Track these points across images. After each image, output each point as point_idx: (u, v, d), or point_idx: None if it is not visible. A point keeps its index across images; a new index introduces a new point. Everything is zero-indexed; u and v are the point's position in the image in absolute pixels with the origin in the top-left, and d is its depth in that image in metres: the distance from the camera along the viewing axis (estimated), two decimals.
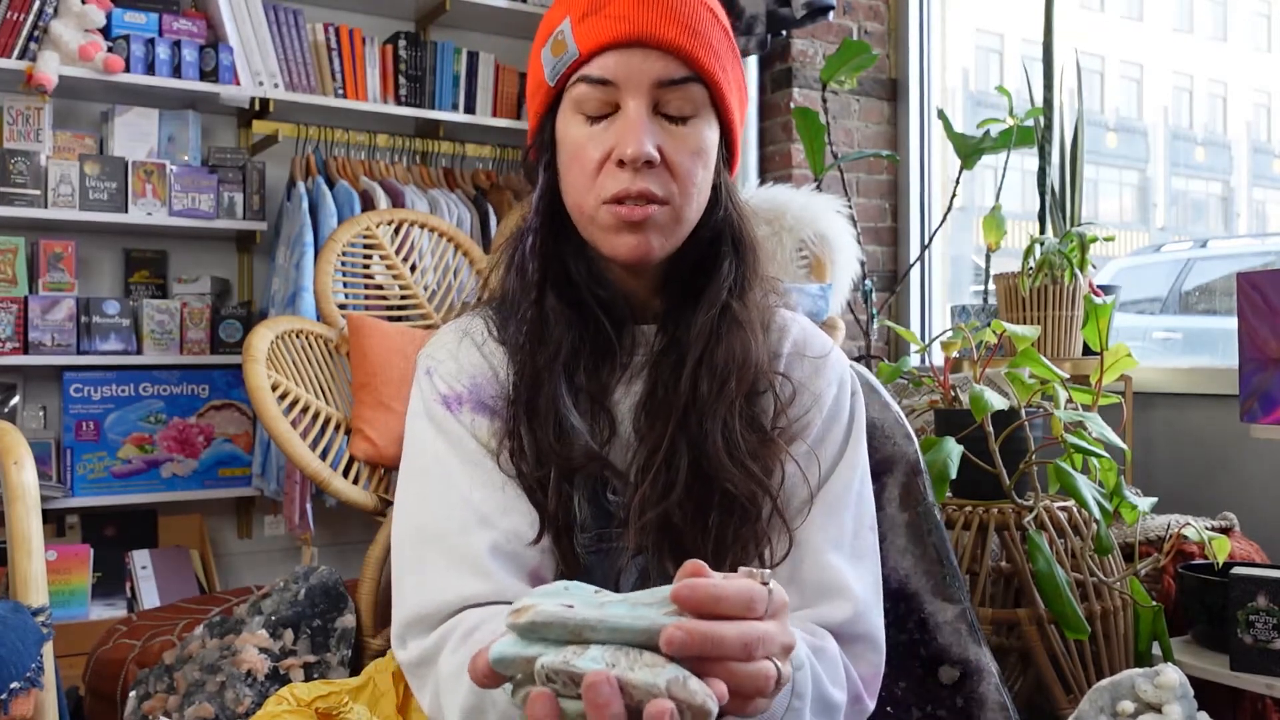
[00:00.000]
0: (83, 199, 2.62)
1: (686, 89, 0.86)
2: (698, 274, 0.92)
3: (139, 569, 2.69)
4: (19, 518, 1.38)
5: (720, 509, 0.86)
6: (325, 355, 2.24)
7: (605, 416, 0.90)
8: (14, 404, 2.73)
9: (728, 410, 0.87)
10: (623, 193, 0.84)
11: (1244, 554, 1.90)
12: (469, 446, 0.88)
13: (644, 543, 0.85)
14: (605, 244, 0.87)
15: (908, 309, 3.13)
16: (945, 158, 3.21)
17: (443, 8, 3.00)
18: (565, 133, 0.89)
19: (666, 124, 0.86)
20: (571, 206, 0.90)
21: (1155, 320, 3.49)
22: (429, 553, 0.84)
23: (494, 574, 0.82)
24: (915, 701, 1.28)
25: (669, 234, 0.87)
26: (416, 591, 0.84)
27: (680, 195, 0.86)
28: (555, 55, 0.87)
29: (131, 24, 2.68)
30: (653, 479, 0.86)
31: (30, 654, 1.27)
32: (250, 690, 1.62)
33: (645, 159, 0.84)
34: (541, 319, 0.90)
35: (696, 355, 0.88)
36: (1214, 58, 5.23)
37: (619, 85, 0.85)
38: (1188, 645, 1.81)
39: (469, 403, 0.90)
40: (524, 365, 0.89)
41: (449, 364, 0.92)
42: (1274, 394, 1.77)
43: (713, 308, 0.89)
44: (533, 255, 0.91)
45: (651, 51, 0.84)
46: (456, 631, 0.80)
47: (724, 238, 0.92)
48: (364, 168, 2.96)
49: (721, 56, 0.88)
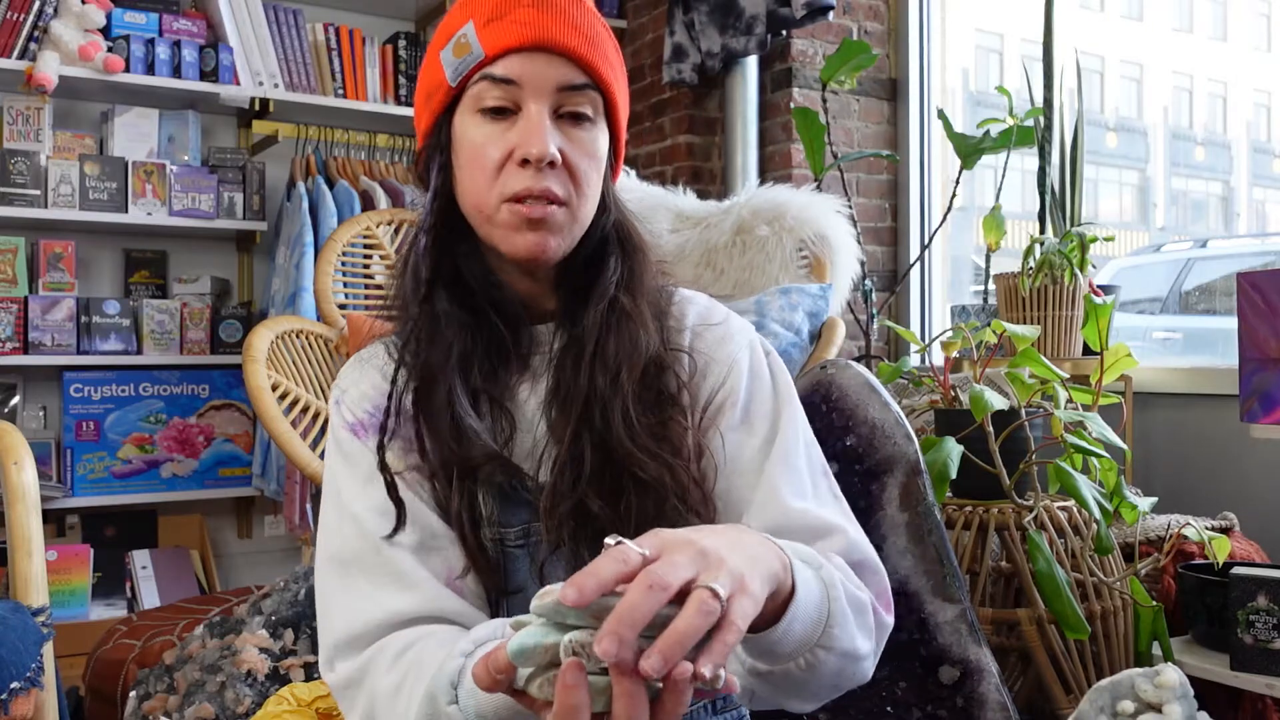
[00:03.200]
0: (83, 199, 2.62)
1: (585, 94, 0.89)
2: (588, 273, 0.94)
3: (139, 569, 2.69)
4: (19, 518, 1.38)
5: (634, 494, 0.87)
6: (325, 355, 2.24)
7: (505, 416, 0.91)
8: (14, 404, 2.73)
9: (624, 398, 0.89)
10: (525, 191, 0.86)
11: (1244, 554, 1.90)
12: (372, 466, 0.88)
13: (562, 536, 0.86)
14: (505, 242, 0.89)
15: (908, 309, 3.13)
16: (945, 158, 3.20)
17: (442, 8, 3.01)
18: (464, 133, 0.90)
19: (566, 126, 0.89)
20: (469, 206, 0.91)
21: (1155, 320, 3.48)
22: (349, 576, 0.85)
23: (419, 583, 0.84)
24: (916, 701, 1.28)
25: (566, 234, 0.90)
26: (343, 614, 0.84)
27: (577, 197, 0.89)
28: (458, 56, 0.89)
29: (131, 24, 2.68)
30: (560, 472, 0.87)
31: (30, 654, 1.27)
32: (250, 690, 1.62)
33: (549, 159, 0.86)
34: (432, 319, 0.90)
35: (590, 349, 0.90)
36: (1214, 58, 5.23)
37: (522, 86, 0.87)
38: (1188, 645, 1.81)
39: (371, 427, 0.90)
40: (416, 367, 0.90)
41: (352, 391, 0.93)
42: (1274, 394, 1.77)
43: (601, 302, 0.92)
44: (425, 255, 0.92)
45: (554, 57, 0.88)
46: (386, 652, 0.81)
47: (611, 239, 0.95)
48: (364, 168, 2.96)
49: (615, 68, 0.92)
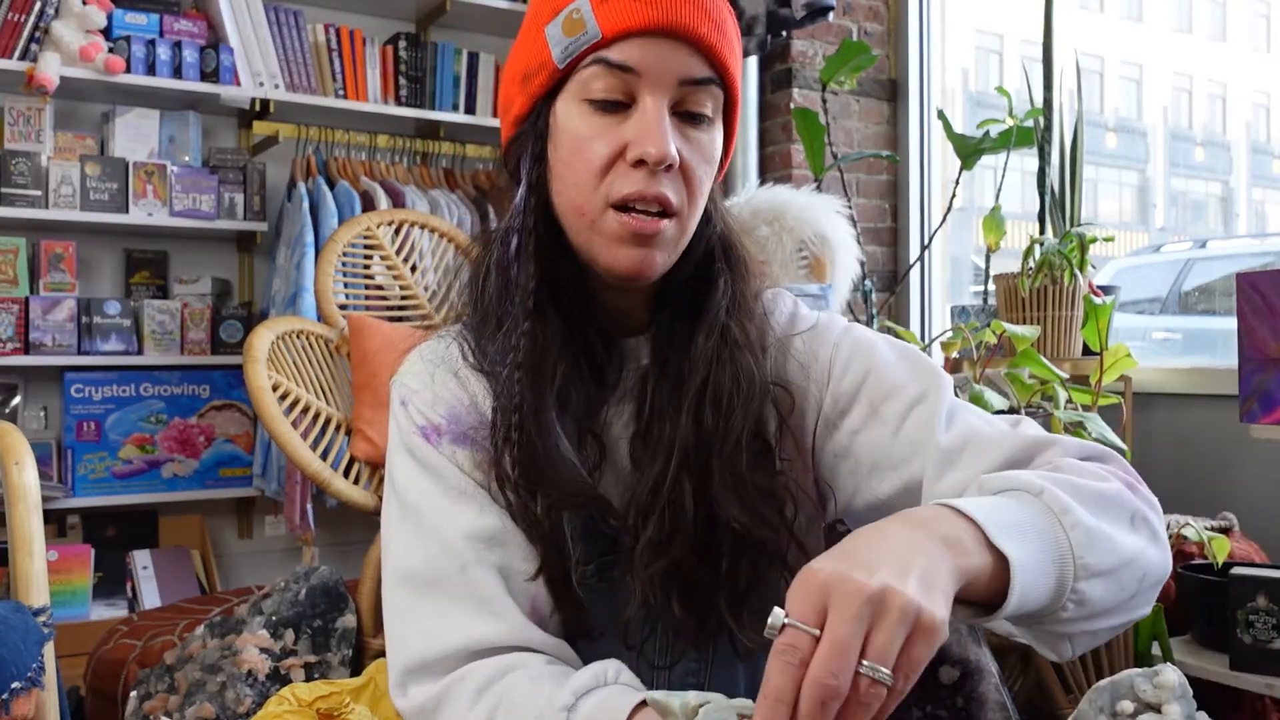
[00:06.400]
0: (83, 199, 2.62)
1: (709, 90, 0.79)
2: (693, 291, 0.85)
3: (140, 569, 2.69)
4: (20, 518, 1.38)
5: (731, 553, 0.80)
6: (326, 356, 2.24)
7: (594, 442, 0.82)
8: (15, 404, 2.73)
9: (732, 448, 0.80)
10: (636, 195, 0.77)
11: (1244, 554, 1.90)
12: (453, 478, 0.81)
13: (653, 591, 0.79)
14: (605, 254, 0.79)
15: (908, 309, 3.13)
16: (945, 158, 3.21)
17: (443, 8, 3.01)
18: (566, 122, 0.79)
19: (683, 125, 0.79)
20: (567, 206, 0.81)
21: (1155, 320, 3.49)
22: (429, 597, 0.78)
23: (505, 612, 0.76)
24: (915, 701, 1.28)
25: (673, 249, 0.81)
26: (420, 638, 0.77)
27: (689, 206, 0.80)
28: (569, 34, 0.77)
29: (132, 25, 2.68)
30: (657, 523, 0.78)
31: (31, 654, 1.27)
32: (251, 690, 1.62)
33: (669, 161, 0.76)
34: (536, 341, 0.80)
35: (698, 384, 0.81)
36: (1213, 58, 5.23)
37: (641, 75, 0.77)
38: (1188, 645, 1.81)
39: (448, 434, 0.82)
40: (514, 395, 0.79)
41: (424, 393, 0.84)
42: (1274, 394, 1.77)
43: (712, 331, 0.82)
44: (525, 262, 0.81)
45: (680, 44, 0.77)
46: (468, 683, 0.74)
47: (717, 254, 0.86)
48: (364, 168, 2.96)
49: (739, 59, 0.82)
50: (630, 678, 0.73)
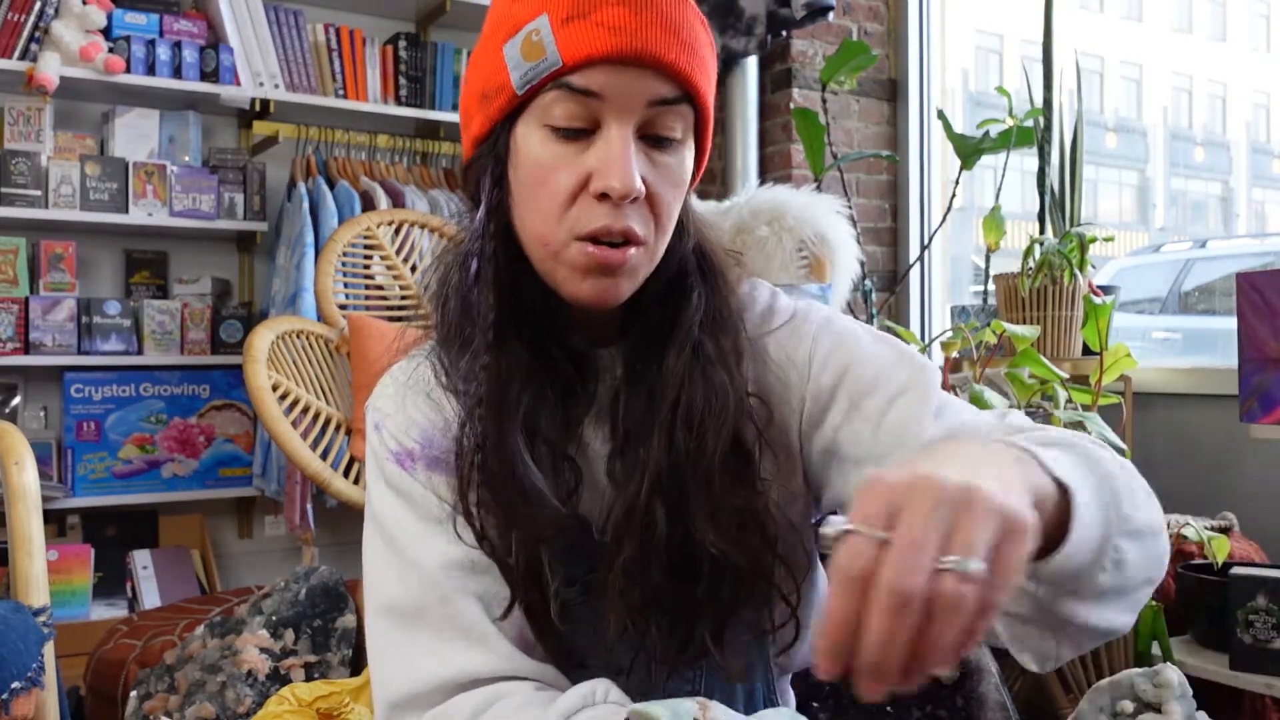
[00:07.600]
0: (83, 199, 2.62)
1: (678, 110, 0.76)
2: (664, 304, 0.81)
3: (140, 569, 2.69)
4: (20, 518, 1.38)
5: (710, 578, 0.77)
6: (326, 356, 2.24)
7: (570, 467, 0.80)
8: (15, 404, 2.73)
9: (709, 468, 0.77)
10: (602, 230, 0.74)
11: (1244, 554, 1.90)
12: (430, 505, 0.79)
13: (631, 620, 0.77)
14: (569, 284, 0.76)
15: (907, 309, 3.13)
16: (945, 158, 3.21)
17: (443, 8, 3.01)
18: (527, 149, 0.76)
19: (649, 150, 0.76)
20: (531, 235, 0.78)
21: (1155, 320, 3.49)
22: (411, 629, 0.76)
23: (490, 641, 0.75)
24: (915, 701, 1.28)
25: (638, 276, 0.78)
26: (405, 671, 0.75)
27: (656, 233, 0.77)
28: (528, 59, 0.74)
29: (132, 25, 2.68)
30: (631, 546, 0.76)
31: (31, 654, 1.27)
32: (251, 690, 1.63)
33: (634, 194, 0.73)
34: (498, 373, 0.77)
35: (670, 402, 0.78)
36: (1213, 58, 5.23)
37: (605, 100, 0.73)
38: (1188, 645, 1.81)
39: (422, 459, 0.80)
40: (475, 434, 0.77)
41: (397, 416, 0.82)
42: (1274, 394, 1.77)
43: (684, 348, 0.79)
44: (484, 290, 0.78)
45: (647, 70, 0.73)
46: (455, 717, 0.73)
47: (690, 268, 0.82)
48: (364, 168, 2.96)
49: (710, 74, 0.78)
50: (619, 695, 0.72)
